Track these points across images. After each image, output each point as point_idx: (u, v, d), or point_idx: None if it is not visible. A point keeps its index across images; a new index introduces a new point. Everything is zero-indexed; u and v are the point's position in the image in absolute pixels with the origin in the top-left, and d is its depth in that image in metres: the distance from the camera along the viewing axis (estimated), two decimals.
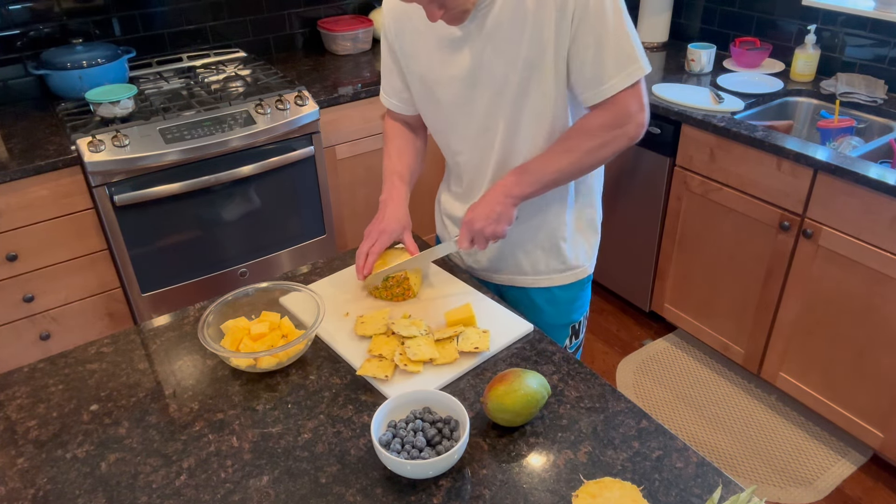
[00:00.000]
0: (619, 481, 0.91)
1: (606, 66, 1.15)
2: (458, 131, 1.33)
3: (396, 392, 1.07)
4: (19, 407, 1.11)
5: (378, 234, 1.31)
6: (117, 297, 2.26)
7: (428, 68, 1.28)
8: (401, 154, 1.43)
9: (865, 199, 1.85)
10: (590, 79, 1.17)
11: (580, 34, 1.13)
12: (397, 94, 1.41)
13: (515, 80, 1.20)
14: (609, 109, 1.20)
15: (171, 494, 0.94)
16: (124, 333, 1.27)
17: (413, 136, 1.46)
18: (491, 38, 1.18)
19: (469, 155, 1.35)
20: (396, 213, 1.34)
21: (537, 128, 1.26)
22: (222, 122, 2.19)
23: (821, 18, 2.43)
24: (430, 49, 1.26)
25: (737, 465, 2.16)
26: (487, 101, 1.25)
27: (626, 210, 2.60)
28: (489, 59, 1.20)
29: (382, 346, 1.16)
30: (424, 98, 1.34)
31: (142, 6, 2.51)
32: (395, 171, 1.40)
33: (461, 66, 1.23)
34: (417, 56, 1.29)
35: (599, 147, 1.21)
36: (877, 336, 1.95)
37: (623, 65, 1.15)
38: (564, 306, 1.47)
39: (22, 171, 1.94)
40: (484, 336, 1.18)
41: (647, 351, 2.64)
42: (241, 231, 2.37)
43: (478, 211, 1.26)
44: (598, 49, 1.14)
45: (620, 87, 1.16)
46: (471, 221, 1.26)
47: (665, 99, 2.32)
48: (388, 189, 1.38)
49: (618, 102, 1.18)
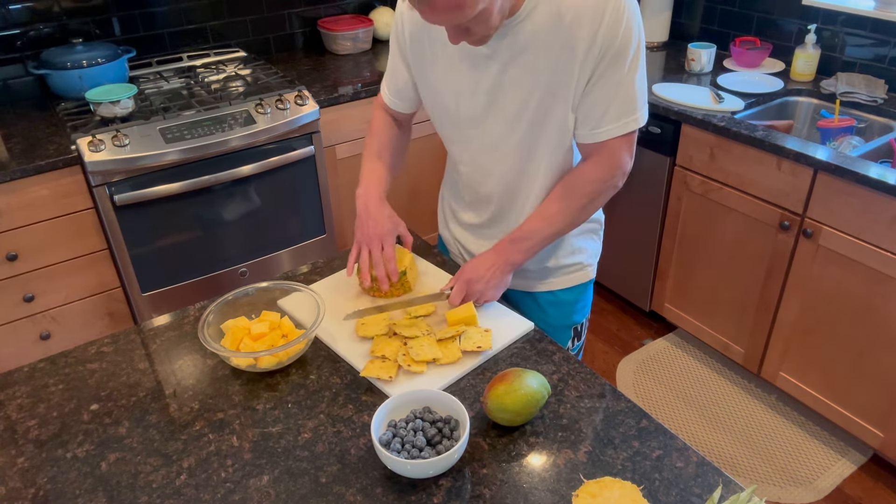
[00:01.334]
0: (619, 481, 0.91)
1: (608, 112, 1.16)
2: (465, 144, 1.32)
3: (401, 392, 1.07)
4: (19, 407, 1.11)
5: (380, 239, 1.29)
6: (117, 296, 2.27)
7: (444, 81, 1.25)
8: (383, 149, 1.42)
9: (865, 198, 1.85)
10: (587, 118, 1.18)
11: (597, 74, 1.13)
12: (398, 93, 1.40)
13: (534, 105, 1.18)
14: (600, 159, 1.22)
15: (172, 494, 0.95)
16: (124, 333, 1.27)
17: (398, 132, 1.46)
18: (517, 57, 1.15)
19: (471, 168, 1.35)
20: (381, 212, 1.32)
21: (552, 158, 1.25)
22: (222, 122, 2.19)
23: (821, 18, 2.43)
24: (449, 63, 1.23)
25: (737, 464, 2.16)
26: (502, 122, 1.23)
27: (626, 210, 2.60)
28: (512, 78, 1.17)
29: (384, 347, 1.16)
30: (434, 107, 1.33)
31: (142, 6, 2.51)
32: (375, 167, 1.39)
33: (482, 82, 1.20)
34: (434, 67, 1.26)
35: (590, 203, 1.26)
36: (877, 336, 1.95)
37: (623, 114, 1.17)
38: (567, 308, 1.47)
39: (22, 170, 1.94)
40: (486, 335, 1.18)
41: (647, 351, 2.64)
42: (241, 231, 2.37)
43: (478, 273, 1.26)
44: (606, 93, 1.14)
45: (614, 135, 1.18)
46: (469, 283, 1.26)
47: (665, 98, 2.32)
48: (364, 184, 1.36)
49: (610, 148, 1.20)
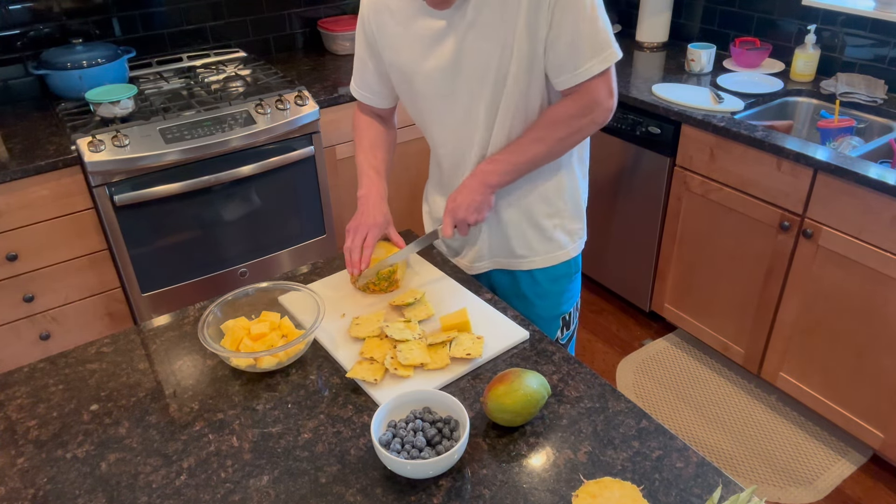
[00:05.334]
0: (619, 481, 0.91)
1: (582, 52, 1.18)
2: (440, 123, 1.35)
3: (385, 396, 1.07)
4: (19, 407, 1.11)
5: (367, 229, 1.32)
6: (117, 297, 2.26)
7: (409, 60, 1.29)
8: (374, 148, 1.44)
9: (865, 199, 1.85)
10: (565, 64, 1.20)
11: (557, 21, 1.16)
12: (369, 87, 1.42)
13: (495, 65, 1.21)
14: (579, 97, 1.23)
15: (171, 494, 0.95)
16: (124, 333, 1.27)
17: (384, 130, 1.48)
18: (473, 26, 1.20)
19: (451, 146, 1.37)
20: (379, 207, 1.36)
21: (515, 114, 1.27)
22: (222, 122, 2.19)
23: (821, 18, 2.43)
24: (411, 41, 1.27)
25: (737, 465, 2.16)
26: (468, 91, 1.26)
27: (626, 210, 2.60)
28: (471, 47, 1.21)
29: (374, 349, 1.15)
30: (405, 91, 1.36)
31: (142, 6, 2.51)
32: (371, 166, 1.42)
33: (443, 56, 1.24)
34: (398, 49, 1.30)
35: (569, 135, 1.27)
36: (877, 336, 1.95)
37: (597, 51, 1.19)
38: (554, 298, 1.48)
39: (22, 170, 1.94)
40: (477, 342, 1.16)
41: (647, 351, 2.64)
42: (241, 231, 2.37)
43: (459, 200, 1.30)
44: (575, 35, 1.17)
45: (594, 72, 1.20)
46: (454, 210, 1.31)
47: (665, 99, 2.32)
48: (366, 185, 1.40)
49: (589, 88, 1.22)
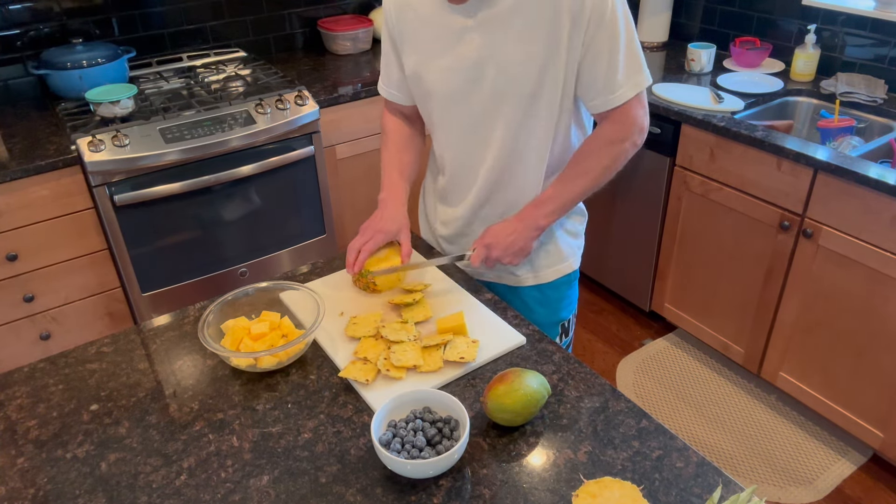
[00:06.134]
0: (619, 481, 0.91)
1: (618, 76, 1.17)
2: (446, 127, 1.31)
3: (376, 397, 1.07)
4: (19, 407, 1.11)
5: (373, 233, 1.29)
6: (117, 296, 2.26)
7: (426, 57, 1.25)
8: (400, 150, 1.40)
9: (865, 198, 1.85)
10: (601, 87, 1.19)
11: (594, 43, 1.14)
12: (395, 84, 1.38)
13: (528, 79, 1.18)
14: (616, 120, 1.22)
15: (172, 494, 0.94)
16: (124, 333, 1.27)
17: (411, 131, 1.44)
18: (505, 28, 1.15)
19: (455, 152, 1.33)
20: (395, 212, 1.32)
21: (543, 137, 1.24)
22: (222, 122, 2.19)
23: (821, 18, 2.43)
24: (431, 37, 1.23)
25: (737, 464, 2.16)
26: (487, 97, 1.22)
27: (626, 210, 2.60)
28: (501, 51, 1.17)
29: (369, 350, 1.15)
30: (415, 87, 1.32)
31: (142, 6, 2.51)
32: (394, 168, 1.38)
33: (465, 56, 1.20)
34: (417, 44, 1.26)
35: (613, 161, 1.25)
36: (877, 336, 1.95)
37: (633, 73, 1.18)
38: (554, 305, 1.47)
39: (22, 170, 1.94)
40: (472, 346, 1.15)
41: (647, 351, 2.64)
42: (241, 231, 2.37)
43: (500, 240, 1.25)
44: (612, 58, 1.16)
45: (630, 96, 1.19)
46: (490, 247, 1.26)
47: (665, 99, 2.32)
48: (387, 187, 1.36)
49: (626, 111, 1.21)
